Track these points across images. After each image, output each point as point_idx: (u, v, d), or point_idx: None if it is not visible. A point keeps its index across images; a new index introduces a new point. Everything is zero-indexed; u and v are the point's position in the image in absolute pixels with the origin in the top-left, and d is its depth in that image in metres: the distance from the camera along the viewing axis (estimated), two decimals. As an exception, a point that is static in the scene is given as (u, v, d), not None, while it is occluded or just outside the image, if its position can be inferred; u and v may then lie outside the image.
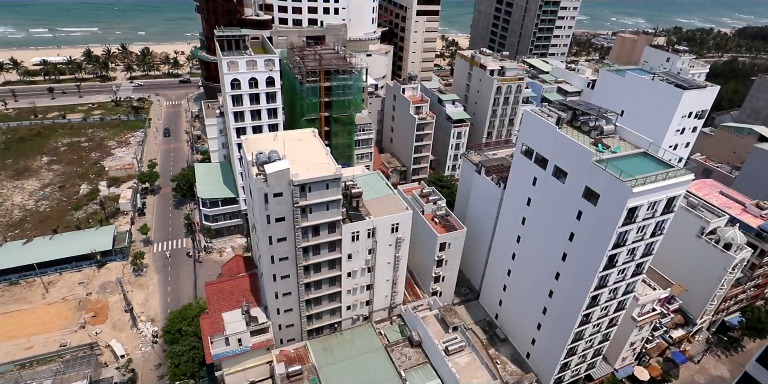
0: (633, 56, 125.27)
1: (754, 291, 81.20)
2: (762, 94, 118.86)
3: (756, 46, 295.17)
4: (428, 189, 72.72)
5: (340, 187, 52.48)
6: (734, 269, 66.91)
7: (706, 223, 67.33)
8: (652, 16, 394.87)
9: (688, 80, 72.83)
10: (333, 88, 75.95)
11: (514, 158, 59.38)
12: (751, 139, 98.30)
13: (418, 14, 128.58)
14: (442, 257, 66.74)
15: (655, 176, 44.04)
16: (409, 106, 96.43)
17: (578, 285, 52.02)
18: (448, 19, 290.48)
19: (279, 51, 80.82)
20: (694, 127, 73.88)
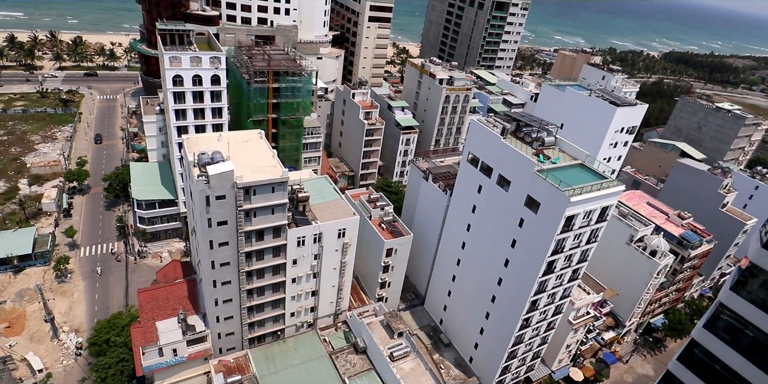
0: (572, 73, 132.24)
1: (676, 294, 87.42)
2: (683, 114, 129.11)
3: (679, 70, 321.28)
4: (376, 194, 72.64)
5: (287, 191, 51.20)
6: (659, 274, 71.71)
7: (635, 232, 71.77)
8: (590, 37, 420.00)
9: (620, 98, 77.60)
10: (282, 89, 74.36)
11: (461, 166, 60.58)
12: (674, 155, 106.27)
13: (370, 20, 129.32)
14: (389, 263, 66.72)
15: (590, 187, 46.32)
16: (359, 111, 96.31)
17: (519, 290, 53.63)
18: (399, 27, 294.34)
19: (226, 49, 78.15)
20: (625, 142, 78.71)
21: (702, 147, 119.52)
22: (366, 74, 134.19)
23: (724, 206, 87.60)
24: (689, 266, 79.24)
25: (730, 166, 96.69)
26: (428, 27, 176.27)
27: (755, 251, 26.61)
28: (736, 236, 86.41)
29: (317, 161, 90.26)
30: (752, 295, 27.19)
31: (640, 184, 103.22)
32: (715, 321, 29.38)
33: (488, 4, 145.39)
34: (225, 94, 73.07)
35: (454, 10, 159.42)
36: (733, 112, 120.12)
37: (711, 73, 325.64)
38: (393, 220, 69.00)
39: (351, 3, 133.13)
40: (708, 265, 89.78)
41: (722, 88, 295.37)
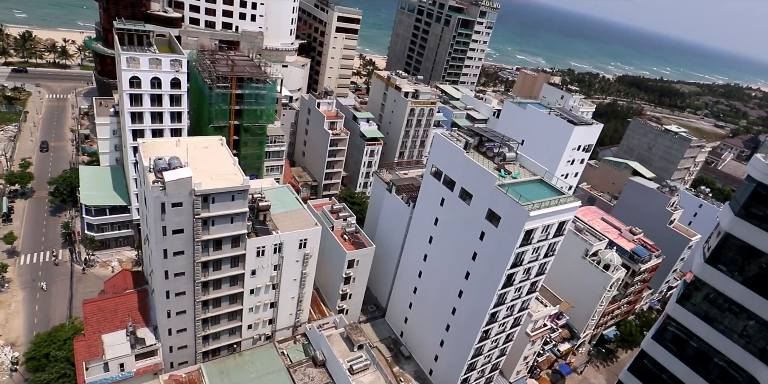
0: (533, 91, 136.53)
1: (627, 307, 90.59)
2: (635, 134, 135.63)
3: (632, 93, 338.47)
4: (339, 205, 72.03)
5: (247, 200, 49.92)
6: (611, 287, 74.16)
7: (590, 246, 74.14)
8: (551, 57, 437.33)
9: (578, 117, 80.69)
10: (245, 96, 72.94)
11: (424, 179, 61.01)
12: (627, 173, 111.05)
13: (337, 31, 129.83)
14: (350, 274, 65.97)
15: (549, 202, 47.56)
16: (324, 121, 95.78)
17: (479, 302, 54.08)
18: (367, 39, 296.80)
19: (188, 52, 76.20)
20: (582, 159, 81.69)
21: (652, 166, 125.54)
22: (332, 84, 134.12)
23: (672, 223, 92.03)
24: (640, 280, 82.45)
25: (677, 185, 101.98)
26: (395, 40, 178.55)
27: (699, 266, 27.89)
28: (682, 251, 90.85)
29: (280, 170, 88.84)
30: (696, 308, 28.41)
31: (595, 200, 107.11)
32: (662, 332, 30.48)
33: (454, 21, 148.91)
34: (185, 98, 71.02)
35: (420, 26, 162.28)
36: (679, 135, 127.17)
37: (660, 97, 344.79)
38: (355, 231, 68.48)
39: (319, 13, 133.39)
40: (657, 279, 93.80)
41: (670, 112, 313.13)
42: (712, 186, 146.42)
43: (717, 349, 27.06)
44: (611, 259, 72.74)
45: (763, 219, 24.90)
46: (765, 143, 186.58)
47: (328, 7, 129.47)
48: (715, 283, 27.08)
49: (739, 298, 25.86)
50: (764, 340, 25.18)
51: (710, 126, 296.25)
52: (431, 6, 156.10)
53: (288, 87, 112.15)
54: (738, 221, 25.62)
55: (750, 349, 25.57)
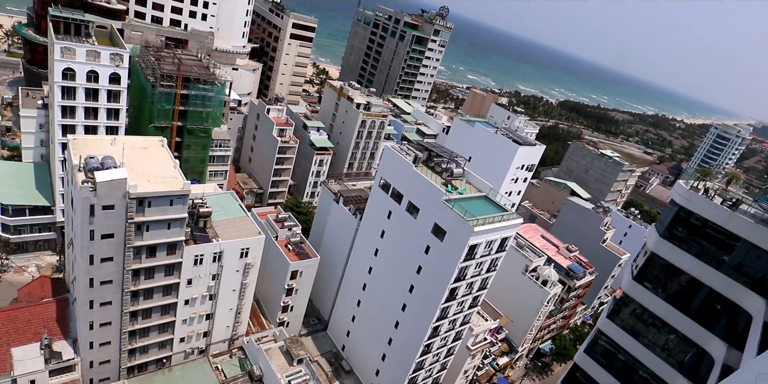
0: (482, 110, 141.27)
1: (562, 321, 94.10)
2: (574, 157, 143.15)
3: (572, 117, 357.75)
4: (284, 214, 70.41)
5: (187, 205, 47.65)
6: (549, 302, 76.81)
7: (530, 262, 76.63)
8: (499, 79, 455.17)
9: (522, 137, 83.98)
10: (191, 96, 70.11)
11: (372, 191, 60.96)
12: (566, 193, 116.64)
13: (291, 37, 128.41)
14: (293, 286, 64.30)
15: (493, 218, 48.79)
16: (273, 128, 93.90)
17: (422, 316, 54.18)
18: (321, 48, 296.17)
19: (131, 47, 72.58)
20: (525, 178, 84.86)
21: (588, 187, 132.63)
22: (283, 91, 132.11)
23: (604, 241, 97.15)
24: (574, 295, 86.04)
25: (610, 206, 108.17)
26: (350, 51, 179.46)
27: (627, 283, 29.33)
28: (613, 269, 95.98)
29: (224, 175, 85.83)
30: (624, 323, 29.77)
31: (535, 218, 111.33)
32: (593, 346, 31.67)
33: (409, 37, 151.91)
34: (125, 95, 67.35)
35: (375, 39, 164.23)
36: (613, 159, 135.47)
37: (597, 122, 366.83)
38: (300, 241, 67.07)
39: (273, 18, 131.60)
40: (590, 295, 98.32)
41: (606, 137, 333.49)
42: (641, 208, 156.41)
43: (641, 361, 28.37)
44: (549, 275, 75.48)
45: (684, 240, 26.57)
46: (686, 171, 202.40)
47: (284, 13, 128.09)
48: (641, 300, 28.49)
49: (662, 314, 27.31)
50: (683, 353, 26.66)
51: (640, 152, 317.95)
52: (387, 21, 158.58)
53: (237, 90, 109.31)
54: (662, 242, 27.17)
55: (670, 361, 26.99)
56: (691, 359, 26.15)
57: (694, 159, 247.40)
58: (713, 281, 24.64)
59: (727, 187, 27.15)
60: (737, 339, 22.99)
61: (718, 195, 25.72)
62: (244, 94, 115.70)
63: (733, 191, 26.95)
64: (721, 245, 24.91)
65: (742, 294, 23.26)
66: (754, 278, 23.26)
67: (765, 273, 22.91)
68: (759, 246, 22.74)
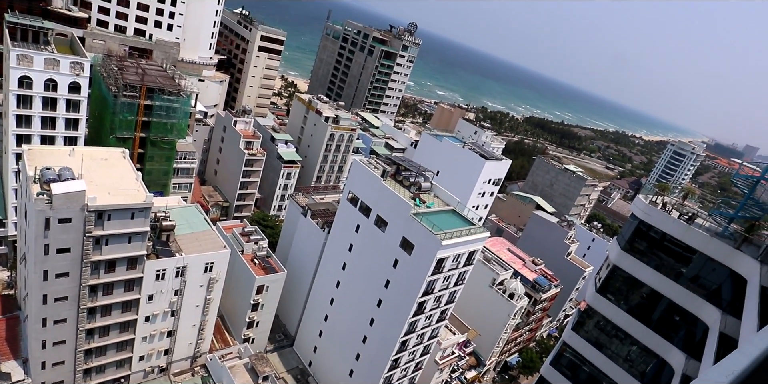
0: (450, 125, 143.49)
1: (529, 334, 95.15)
2: (539, 171, 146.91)
3: (537, 133, 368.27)
4: (251, 228, 69.08)
5: (149, 218, 46.11)
6: (515, 315, 77.62)
7: (497, 276, 77.50)
8: (467, 94, 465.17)
9: (489, 152, 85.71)
10: (155, 107, 68.46)
11: (341, 204, 60.68)
12: (531, 207, 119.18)
13: (259, 50, 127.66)
14: (259, 301, 62.77)
15: (460, 232, 49.27)
16: (240, 140, 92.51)
17: (390, 330, 53.75)
18: (290, 61, 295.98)
19: (92, 55, 70.51)
20: (491, 192, 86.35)
21: (553, 202, 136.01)
22: (251, 103, 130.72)
23: (569, 255, 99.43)
24: (540, 308, 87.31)
25: (574, 220, 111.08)
26: (318, 65, 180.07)
27: (591, 295, 29.95)
28: (577, 281, 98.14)
29: (188, 188, 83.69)
30: (588, 335, 30.29)
31: (502, 231, 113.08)
32: (559, 358, 32.03)
33: (377, 52, 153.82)
34: (85, 104, 65.12)
35: (345, 53, 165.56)
36: (577, 174, 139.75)
37: (561, 138, 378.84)
38: (267, 255, 65.79)
39: (241, 30, 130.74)
40: (555, 307, 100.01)
41: (569, 153, 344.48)
42: (603, 222, 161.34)
43: (605, 373, 28.85)
44: (516, 289, 76.45)
45: (644, 253, 27.42)
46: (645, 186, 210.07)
47: (252, 26, 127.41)
48: (604, 312, 29.09)
49: (624, 325, 27.94)
50: (644, 363, 27.30)
51: (602, 167, 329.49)
52: (356, 35, 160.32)
53: (204, 102, 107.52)
54: (623, 255, 27.96)
55: (632, 372, 27.57)
56: (652, 370, 26.80)
57: (653, 174, 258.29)
58: (672, 293, 25.43)
59: (684, 202, 28.29)
60: (695, 349, 23.71)
61: (675, 209, 26.76)
62: (210, 105, 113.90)
63: (689, 205, 28.10)
64: (678, 258, 25.81)
65: (698, 305, 24.07)
66: (709, 290, 24.14)
67: (720, 284, 23.83)
68: (714, 258, 23.66)
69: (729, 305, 22.54)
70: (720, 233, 24.19)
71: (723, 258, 23.24)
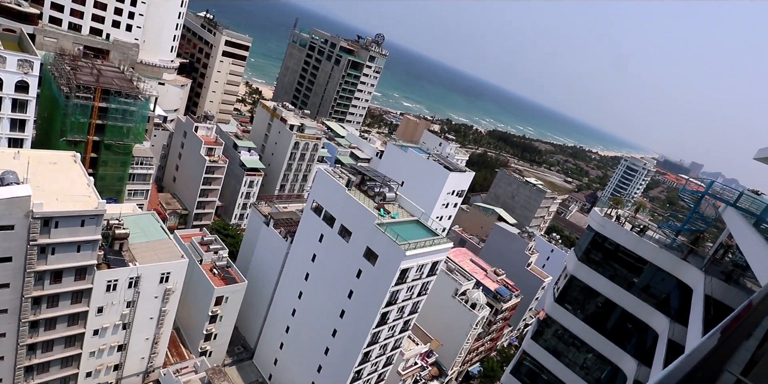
0: (415, 136, 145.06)
1: (490, 344, 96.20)
2: (501, 184, 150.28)
3: (500, 146, 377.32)
4: (210, 236, 67.18)
5: (101, 226, 44.06)
6: (477, 325, 78.38)
7: (459, 286, 78.21)
8: (432, 106, 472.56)
9: (453, 164, 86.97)
10: (110, 110, 65.73)
11: (304, 214, 59.96)
12: (493, 218, 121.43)
13: (224, 55, 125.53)
14: (218, 312, 60.80)
15: (424, 242, 49.53)
16: (201, 147, 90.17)
17: (353, 341, 53.12)
18: (255, 67, 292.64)
19: (43, 53, 67.51)
20: (455, 203, 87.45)
21: (514, 213, 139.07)
22: (213, 109, 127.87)
23: (529, 265, 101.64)
24: (501, 317, 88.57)
25: (534, 231, 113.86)
26: (284, 72, 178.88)
27: (549, 304, 30.61)
28: (537, 291, 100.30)
29: (144, 195, 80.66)
30: (547, 343, 30.88)
31: (465, 242, 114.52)
32: (519, 367, 32.46)
33: (344, 62, 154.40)
34: (33, 105, 62.05)
35: (311, 61, 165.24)
36: (537, 187, 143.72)
37: (523, 152, 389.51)
38: (227, 265, 64.03)
39: (205, 33, 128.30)
40: (516, 317, 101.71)
41: (530, 166, 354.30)
42: (562, 233, 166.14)
43: (563, 380, 29.42)
44: (478, 299, 77.31)
45: (600, 264, 28.32)
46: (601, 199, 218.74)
47: (217, 30, 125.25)
48: (562, 320, 29.76)
49: (581, 334, 28.66)
50: (599, 370, 28.02)
51: (561, 181, 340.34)
52: (323, 44, 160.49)
53: (163, 106, 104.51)
54: (580, 265, 28.77)
55: (588, 379, 28.23)
56: (606, 377, 27.51)
57: (608, 188, 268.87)
58: (625, 302, 26.30)
59: (636, 215, 29.46)
60: (646, 356, 24.54)
61: (628, 222, 27.82)
62: (170, 110, 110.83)
63: (640, 218, 29.29)
64: (631, 268, 26.77)
65: (649, 313, 24.98)
66: (659, 298, 25.12)
67: (668, 293, 24.85)
68: (663, 269, 24.68)
69: (677, 313, 23.49)
70: (668, 245, 25.27)
71: (671, 268, 24.26)
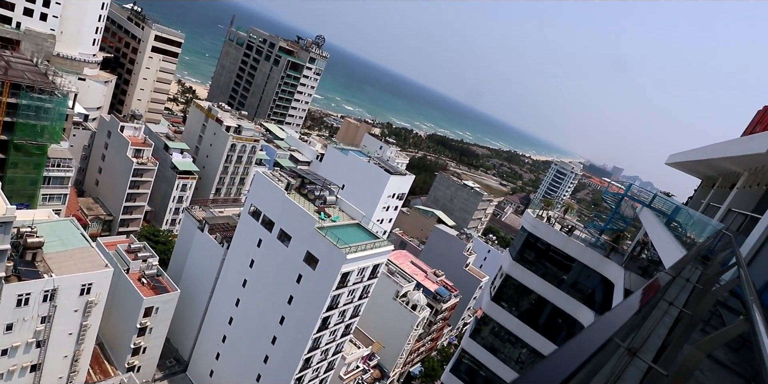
0: (356, 139, 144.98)
1: (431, 344, 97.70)
2: (441, 187, 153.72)
3: (439, 150, 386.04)
4: (138, 244, 63.24)
5: (9, 235, 40.07)
6: (418, 326, 79.33)
7: (400, 288, 78.83)
8: (373, 110, 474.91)
9: (393, 167, 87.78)
10: (21, 106, 59.83)
11: (241, 218, 58.05)
12: (433, 221, 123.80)
13: (153, 50, 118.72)
14: (147, 324, 57.19)
15: (365, 245, 49.44)
16: (128, 148, 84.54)
17: (293, 348, 51.99)
18: (188, 65, 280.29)
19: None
20: (396, 206, 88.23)
21: (453, 215, 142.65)
22: (141, 108, 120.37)
23: (467, 266, 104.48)
24: (441, 318, 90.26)
25: (472, 233, 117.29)
26: (220, 71, 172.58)
27: (486, 303, 31.52)
28: (475, 291, 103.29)
29: (62, 200, 74.33)
30: (484, 341, 31.77)
31: (405, 244, 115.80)
32: (458, 365, 33.12)
33: (284, 63, 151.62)
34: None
35: (249, 61, 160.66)
36: (474, 189, 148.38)
37: (461, 155, 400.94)
38: (157, 274, 60.49)
39: (132, 27, 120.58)
40: (455, 316, 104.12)
41: (468, 169, 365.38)
42: (498, 234, 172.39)
43: (499, 376, 30.33)
44: (418, 300, 78.28)
45: (533, 263, 29.50)
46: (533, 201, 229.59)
47: (145, 24, 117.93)
48: (498, 318, 30.70)
49: (515, 330, 29.72)
50: (533, 364, 29.08)
51: (497, 184, 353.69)
52: (261, 44, 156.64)
53: (84, 104, 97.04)
54: (515, 264, 29.83)
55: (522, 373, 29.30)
56: (539, 371, 28.65)
57: (540, 190, 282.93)
58: (555, 298, 27.58)
59: (565, 216, 31.03)
60: (575, 350, 25.78)
61: (558, 222, 29.23)
62: (92, 108, 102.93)
63: (568, 219, 30.88)
64: (561, 266, 28.11)
65: (576, 308, 26.33)
66: (585, 294, 26.56)
67: (593, 289, 26.32)
68: (588, 266, 26.11)
69: (600, 307, 24.95)
70: (593, 243, 26.79)
71: (596, 265, 25.73)
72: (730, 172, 26.15)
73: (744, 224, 19.95)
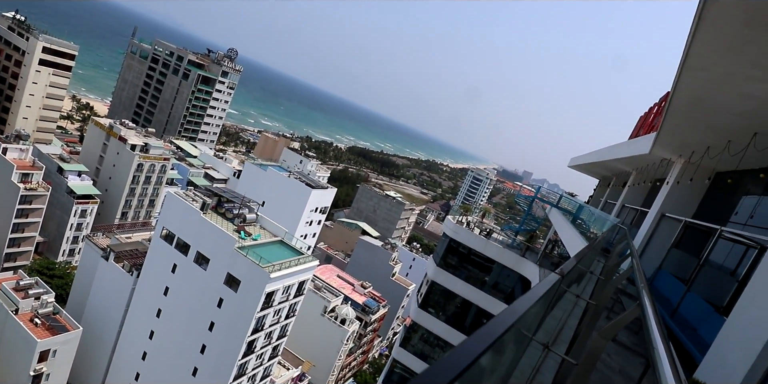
0: (274, 154, 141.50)
1: (362, 357, 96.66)
2: (363, 198, 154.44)
3: (360, 161, 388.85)
4: (29, 280, 56.30)
5: None
6: (348, 340, 78.20)
7: (328, 303, 77.42)
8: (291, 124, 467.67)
9: (315, 181, 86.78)
10: None
11: (153, 243, 54.09)
12: (357, 233, 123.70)
13: (41, 63, 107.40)
14: (42, 370, 50.72)
15: (289, 262, 48.07)
16: (12, 172, 75.37)
17: (217, 378, 48.81)
18: (84, 80, 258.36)
19: None
20: (319, 220, 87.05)
21: (377, 226, 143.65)
22: (29, 127, 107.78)
23: (394, 275, 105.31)
24: (371, 329, 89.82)
25: (397, 242, 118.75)
26: (122, 86, 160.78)
27: (414, 310, 31.79)
28: (402, 299, 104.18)
29: (-65, 235, 64.83)
30: (414, 348, 31.94)
31: (331, 258, 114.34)
32: (390, 375, 32.94)
33: (194, 77, 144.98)
34: None
35: (155, 75, 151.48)
36: (396, 199, 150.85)
37: (382, 166, 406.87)
38: (54, 311, 54.08)
39: (14, 38, 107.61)
40: (384, 327, 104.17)
41: (389, 179, 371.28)
42: (421, 242, 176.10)
43: None
44: (347, 314, 77.30)
45: (456, 267, 30.27)
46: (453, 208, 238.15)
47: (30, 34, 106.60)
48: (426, 325, 31.04)
49: (443, 334, 30.23)
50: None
51: (418, 192, 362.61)
52: (168, 57, 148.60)
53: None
54: (439, 270, 30.42)
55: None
56: (468, 374, 29.23)
57: (459, 197, 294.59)
58: (479, 300, 28.44)
59: (483, 220, 32.30)
60: (500, 349, 26.66)
61: (477, 226, 30.30)
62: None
63: (486, 223, 32.17)
64: (482, 268, 29.10)
65: (499, 308, 27.31)
66: (506, 293, 27.68)
67: (513, 287, 27.50)
68: (507, 266, 27.26)
69: (522, 306, 26.11)
70: (510, 245, 28.06)
71: (513, 265, 26.94)
72: (621, 171, 28.78)
73: (636, 217, 21.89)
